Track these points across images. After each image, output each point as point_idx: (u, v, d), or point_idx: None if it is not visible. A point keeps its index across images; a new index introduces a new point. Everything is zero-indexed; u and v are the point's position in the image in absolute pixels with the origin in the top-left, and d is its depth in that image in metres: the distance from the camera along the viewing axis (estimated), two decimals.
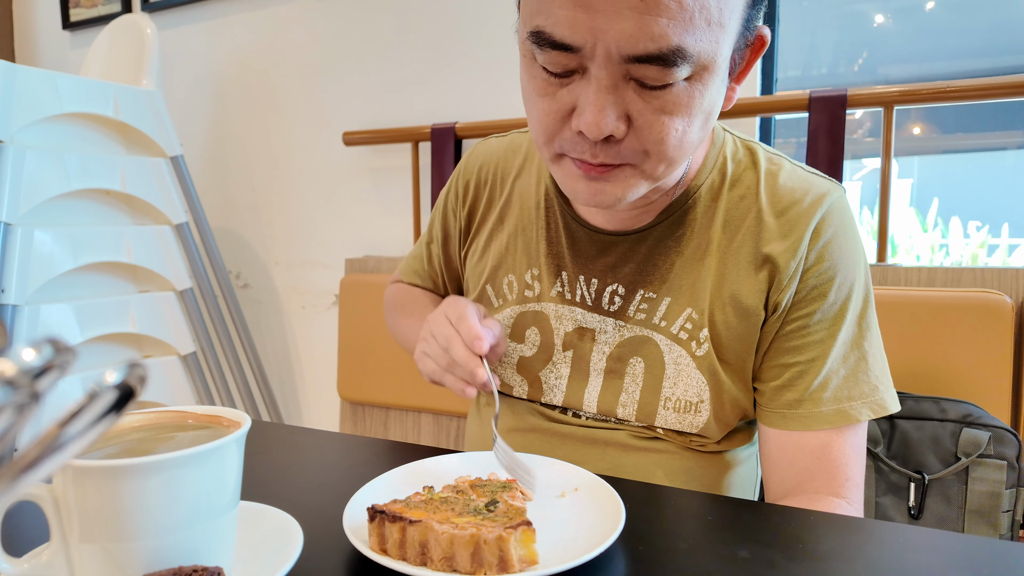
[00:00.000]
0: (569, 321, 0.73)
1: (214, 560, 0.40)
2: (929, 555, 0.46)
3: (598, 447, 0.72)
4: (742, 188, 0.68)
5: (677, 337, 0.68)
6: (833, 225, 0.65)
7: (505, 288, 0.78)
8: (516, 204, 0.78)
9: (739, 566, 0.45)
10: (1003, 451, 0.94)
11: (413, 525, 0.43)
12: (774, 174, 0.68)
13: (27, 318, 1.39)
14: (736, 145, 0.70)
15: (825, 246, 0.64)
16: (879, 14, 1.95)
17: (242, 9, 1.96)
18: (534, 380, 0.75)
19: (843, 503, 0.64)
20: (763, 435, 0.69)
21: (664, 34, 0.49)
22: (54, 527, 0.39)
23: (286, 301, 2.03)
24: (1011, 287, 1.07)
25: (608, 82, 0.52)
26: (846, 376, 0.65)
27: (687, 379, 0.68)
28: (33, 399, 0.20)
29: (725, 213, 0.67)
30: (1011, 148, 2.99)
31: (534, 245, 0.75)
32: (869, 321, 0.66)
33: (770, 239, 0.65)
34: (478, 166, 0.82)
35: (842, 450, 0.65)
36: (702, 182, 0.68)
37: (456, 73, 1.68)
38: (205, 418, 0.45)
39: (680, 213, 0.68)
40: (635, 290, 0.69)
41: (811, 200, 0.65)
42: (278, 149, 1.97)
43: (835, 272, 0.64)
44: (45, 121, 1.47)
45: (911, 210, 2.71)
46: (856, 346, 0.65)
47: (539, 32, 0.52)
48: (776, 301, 0.65)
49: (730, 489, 0.73)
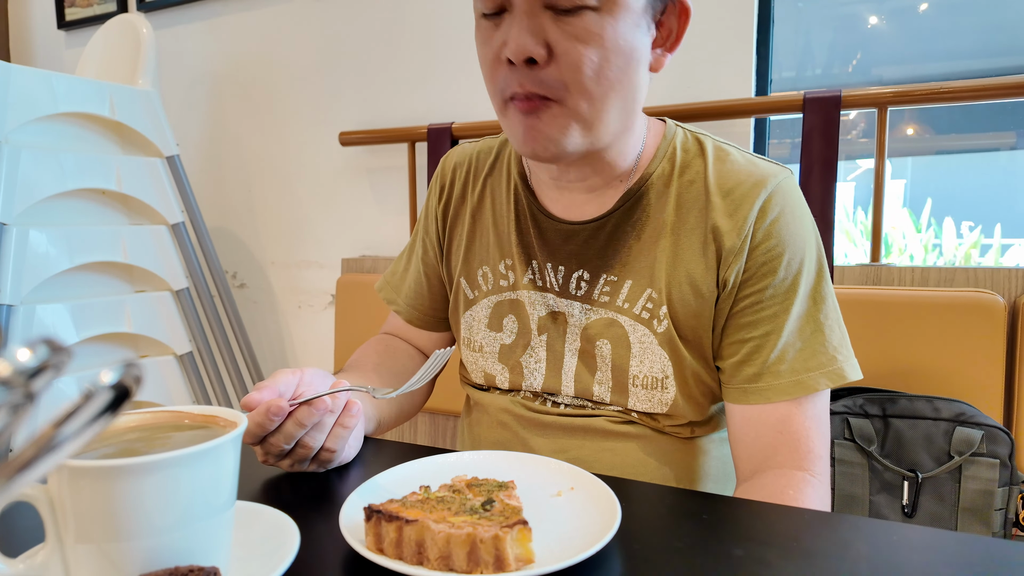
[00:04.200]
0: (542, 306, 0.76)
1: (210, 560, 0.40)
2: (922, 553, 0.47)
3: (577, 435, 0.74)
4: (691, 173, 0.72)
5: (640, 317, 0.71)
6: (779, 204, 0.68)
7: (480, 279, 0.81)
8: (488, 199, 0.82)
9: (734, 564, 0.45)
10: (995, 450, 0.95)
11: (410, 524, 0.43)
12: (722, 160, 0.72)
13: (22, 318, 1.39)
14: (687, 136, 0.75)
15: (772, 224, 0.67)
16: (873, 15, 1.96)
17: (238, 9, 1.96)
18: (514, 366, 0.78)
19: (807, 476, 0.65)
20: (729, 414, 0.71)
21: None
22: (49, 528, 0.39)
23: (282, 301, 2.02)
24: (1003, 287, 1.08)
25: (525, 7, 0.60)
26: (802, 348, 0.67)
27: (651, 356, 0.71)
28: (28, 399, 0.20)
29: (677, 197, 0.71)
30: (1004, 149, 3.01)
31: (506, 237, 0.79)
32: (824, 293, 0.69)
33: (718, 218, 0.68)
34: (452, 166, 0.86)
35: (802, 422, 0.67)
36: (654, 170, 0.72)
37: (452, 73, 1.68)
38: (201, 418, 0.45)
39: (634, 200, 0.72)
40: (599, 275, 0.73)
41: (756, 181, 0.69)
42: (274, 149, 1.97)
43: (783, 248, 0.67)
44: (40, 121, 1.47)
45: (905, 210, 2.72)
46: (811, 319, 0.68)
47: None
48: (724, 277, 0.68)
49: (708, 476, 0.75)
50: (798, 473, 0.65)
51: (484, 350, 0.80)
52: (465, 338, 0.82)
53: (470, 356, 0.82)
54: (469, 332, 0.82)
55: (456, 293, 0.84)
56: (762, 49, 1.39)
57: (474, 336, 0.81)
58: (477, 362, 0.81)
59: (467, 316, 0.82)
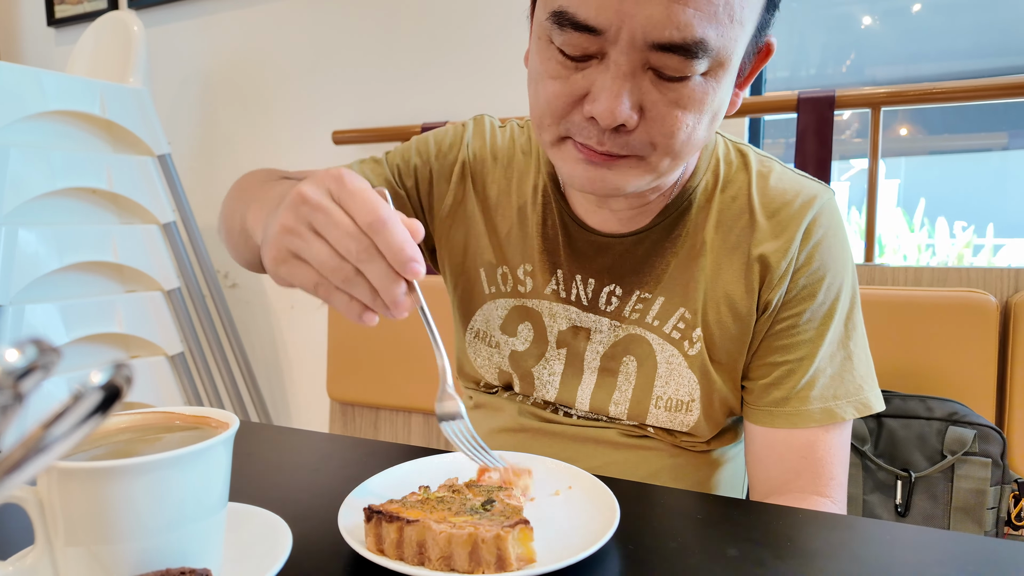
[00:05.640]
0: (563, 319, 0.73)
1: (202, 562, 0.40)
2: (915, 552, 0.47)
3: (588, 445, 0.72)
4: (734, 190, 0.68)
5: (669, 336, 0.68)
6: (823, 226, 0.66)
7: (499, 279, 0.76)
8: (514, 196, 0.76)
9: (729, 564, 0.45)
10: (988, 449, 0.95)
11: (411, 525, 0.43)
12: (765, 176, 0.68)
13: (11, 318, 1.38)
14: (728, 147, 0.71)
15: (815, 247, 0.65)
16: (867, 16, 1.97)
17: (230, 6, 1.95)
18: (525, 375, 0.75)
19: (828, 502, 0.64)
20: (749, 433, 0.69)
21: (690, 24, 0.50)
22: (39, 530, 0.38)
23: (275, 301, 2.02)
24: (996, 287, 1.09)
25: (627, 69, 0.52)
26: (832, 375, 0.66)
27: (679, 378, 0.68)
28: (16, 400, 0.19)
29: (718, 214, 0.68)
30: (996, 149, 3.03)
31: (529, 240, 0.74)
32: (855, 321, 0.67)
33: (762, 239, 0.66)
34: (480, 143, 0.78)
35: (827, 448, 0.65)
36: (697, 184, 0.69)
37: (447, 72, 1.67)
38: (193, 419, 0.45)
39: (676, 215, 0.68)
40: (632, 291, 0.70)
41: (802, 202, 0.66)
42: (267, 148, 1.96)
43: (825, 272, 0.65)
44: (29, 119, 1.45)
45: (898, 210, 2.73)
46: (843, 346, 0.66)
47: (562, 12, 0.52)
48: (767, 300, 0.66)
49: (718, 487, 0.74)
50: (819, 499, 0.64)
51: (501, 347, 0.76)
52: (481, 331, 0.78)
53: (485, 351, 0.78)
54: (486, 327, 0.77)
55: (473, 283, 0.78)
56: None
57: (491, 331, 0.77)
58: (492, 358, 0.77)
59: (482, 311, 0.77)
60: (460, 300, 0.80)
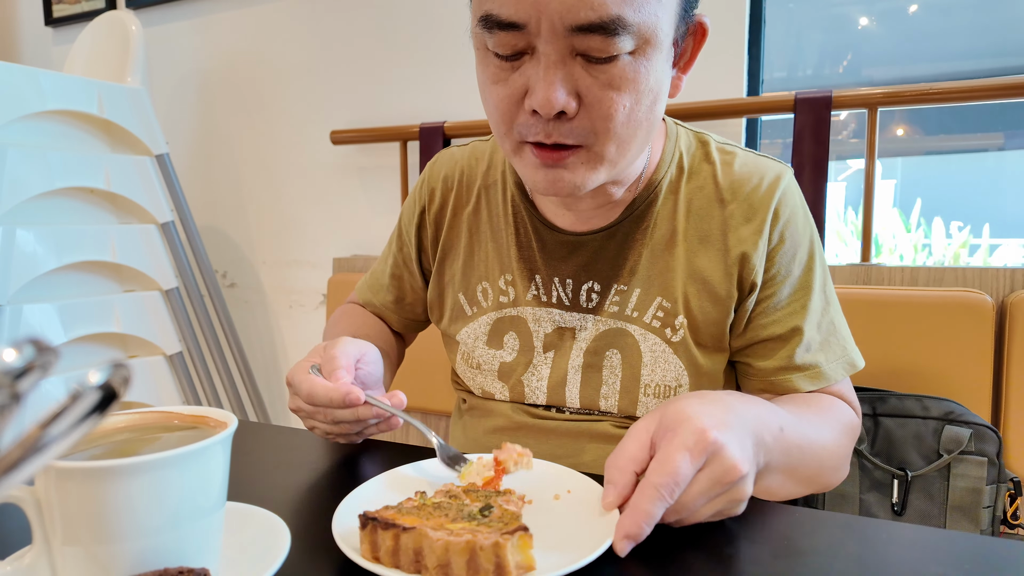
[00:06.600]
0: (547, 323, 0.74)
1: (200, 561, 0.40)
2: (912, 551, 0.47)
3: (583, 440, 0.74)
4: (700, 179, 0.71)
5: (650, 326, 0.71)
6: (789, 205, 0.70)
7: (479, 296, 0.78)
8: (484, 212, 0.79)
9: (725, 563, 0.45)
10: (984, 448, 0.95)
11: (407, 532, 0.42)
12: (728, 163, 0.71)
13: (9, 318, 1.37)
14: (689, 138, 0.74)
15: (785, 226, 0.69)
16: (863, 17, 1.97)
17: (229, 6, 1.95)
18: (515, 384, 0.76)
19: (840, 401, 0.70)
20: None
21: (604, 3, 0.52)
22: (36, 529, 0.38)
23: (273, 300, 2.01)
24: (992, 287, 1.09)
25: (555, 57, 0.55)
26: (821, 342, 0.70)
27: (664, 365, 0.70)
28: (14, 400, 0.19)
29: (687, 204, 0.71)
30: (992, 150, 3.03)
31: (505, 251, 0.76)
32: (829, 288, 0.73)
33: (735, 225, 0.69)
34: (442, 175, 0.82)
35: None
36: (662, 176, 0.71)
37: (445, 72, 1.67)
38: (191, 419, 0.45)
39: (644, 207, 0.71)
40: (609, 285, 0.72)
41: (768, 183, 0.70)
42: (265, 147, 1.96)
43: (796, 249, 0.69)
44: (27, 118, 1.45)
45: (895, 210, 2.74)
46: (825, 313, 0.71)
47: (487, 16, 0.56)
48: (750, 282, 0.69)
49: None
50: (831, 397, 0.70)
51: (483, 368, 0.78)
52: (464, 353, 0.80)
53: (468, 372, 0.80)
54: (468, 348, 0.79)
55: (453, 309, 0.81)
56: (753, 50, 1.40)
57: (473, 353, 0.79)
58: (475, 379, 0.79)
59: (465, 333, 0.79)
60: (445, 330, 0.84)
